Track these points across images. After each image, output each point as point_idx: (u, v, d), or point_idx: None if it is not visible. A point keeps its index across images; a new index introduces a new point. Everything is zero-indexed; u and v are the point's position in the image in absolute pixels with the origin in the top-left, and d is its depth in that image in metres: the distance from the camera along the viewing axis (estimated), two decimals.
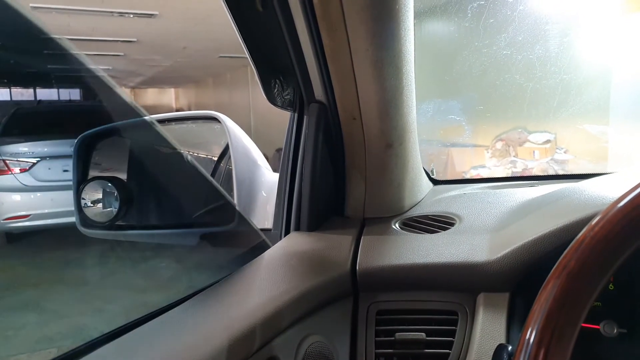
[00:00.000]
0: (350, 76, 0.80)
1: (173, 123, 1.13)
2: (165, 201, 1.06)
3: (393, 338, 0.79)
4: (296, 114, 0.92)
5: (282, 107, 0.91)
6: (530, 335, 0.43)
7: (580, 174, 1.16)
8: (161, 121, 1.11)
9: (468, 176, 3.75)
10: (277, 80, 0.87)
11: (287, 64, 0.84)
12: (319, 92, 0.87)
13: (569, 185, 0.91)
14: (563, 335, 0.43)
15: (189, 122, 1.14)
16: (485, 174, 3.80)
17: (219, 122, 1.03)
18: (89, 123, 1.09)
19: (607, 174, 1.00)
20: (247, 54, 0.81)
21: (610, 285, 0.74)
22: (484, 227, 0.88)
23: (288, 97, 0.90)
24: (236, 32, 0.77)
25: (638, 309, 0.72)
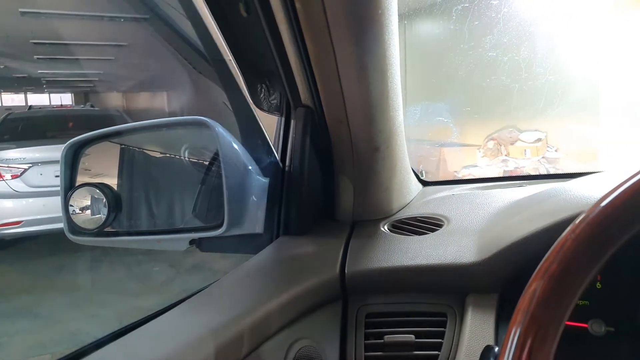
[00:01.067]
0: (335, 80, 0.80)
1: (162, 129, 1.12)
2: (154, 207, 1.05)
3: (382, 341, 0.79)
4: (283, 118, 0.93)
5: (269, 111, 0.91)
6: (514, 337, 0.44)
7: (569, 173, 1.17)
8: (150, 127, 1.10)
9: (460, 175, 3.77)
10: (263, 85, 0.87)
11: (273, 69, 0.84)
12: (305, 96, 0.87)
13: (556, 185, 0.92)
14: (546, 337, 0.43)
15: (178, 127, 1.13)
16: (477, 173, 3.82)
17: (208, 127, 1.02)
18: (81, 128, 1.09)
19: (595, 172, 1.01)
20: (232, 59, 0.81)
21: (598, 284, 0.74)
22: (472, 228, 0.88)
23: (274, 101, 0.90)
24: (220, 37, 0.77)
25: (625, 308, 0.73)
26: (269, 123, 1.03)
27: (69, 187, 0.99)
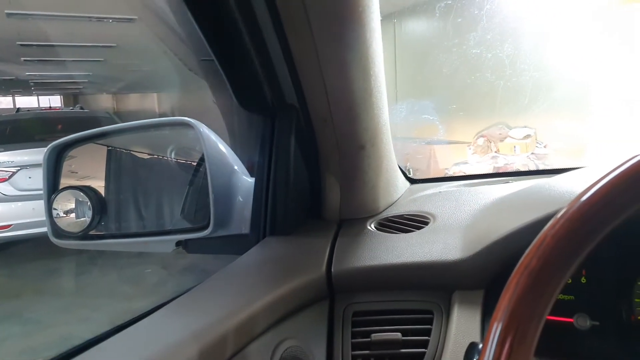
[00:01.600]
0: (318, 79, 0.80)
1: (147, 130, 1.12)
2: (140, 209, 1.05)
3: (369, 339, 0.79)
4: (267, 118, 0.92)
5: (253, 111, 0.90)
6: (495, 333, 0.44)
7: (554, 169, 1.17)
8: (135, 128, 1.10)
9: (451, 172, 3.79)
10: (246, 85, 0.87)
11: (256, 68, 0.84)
12: (289, 95, 0.87)
13: (540, 180, 0.92)
14: (527, 332, 0.43)
15: (163, 128, 1.13)
16: (467, 169, 3.84)
17: (192, 127, 1.02)
18: (70, 130, 1.08)
19: (578, 168, 1.02)
20: (214, 59, 0.80)
21: (583, 278, 0.75)
22: (458, 225, 0.88)
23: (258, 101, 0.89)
24: (202, 37, 0.76)
25: (610, 302, 0.73)
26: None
27: (52, 190, 0.98)
